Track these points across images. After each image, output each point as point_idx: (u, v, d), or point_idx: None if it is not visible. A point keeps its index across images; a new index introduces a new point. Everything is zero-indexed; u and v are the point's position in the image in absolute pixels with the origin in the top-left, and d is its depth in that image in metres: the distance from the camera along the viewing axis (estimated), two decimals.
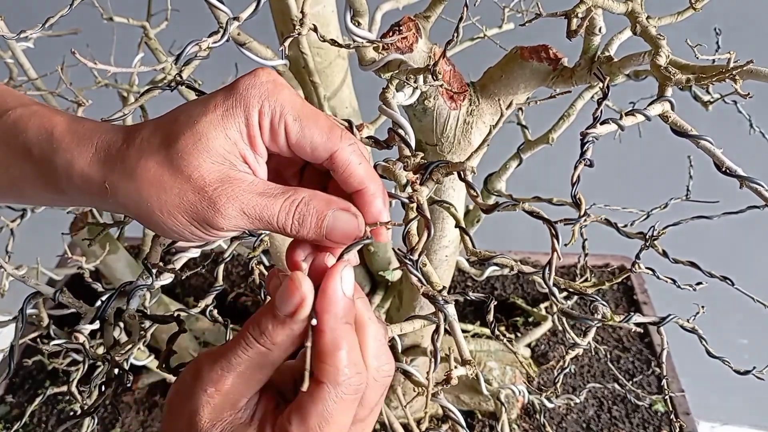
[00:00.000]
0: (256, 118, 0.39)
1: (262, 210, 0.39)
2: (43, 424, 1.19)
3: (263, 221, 0.39)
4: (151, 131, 0.39)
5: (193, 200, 0.38)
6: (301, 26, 0.39)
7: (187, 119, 0.39)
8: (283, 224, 0.39)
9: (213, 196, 0.38)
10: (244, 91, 0.39)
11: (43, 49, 0.87)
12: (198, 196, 0.38)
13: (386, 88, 0.46)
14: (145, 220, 0.40)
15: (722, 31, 0.85)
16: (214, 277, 1.50)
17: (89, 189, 0.40)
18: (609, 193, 1.03)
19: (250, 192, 0.39)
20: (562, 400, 1.14)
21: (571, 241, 0.40)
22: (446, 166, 0.41)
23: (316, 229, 0.40)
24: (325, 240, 0.40)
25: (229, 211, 0.38)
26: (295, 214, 0.39)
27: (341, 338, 0.36)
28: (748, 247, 1.61)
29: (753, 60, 0.40)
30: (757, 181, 0.38)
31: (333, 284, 0.37)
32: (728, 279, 0.63)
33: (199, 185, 0.38)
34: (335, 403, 0.36)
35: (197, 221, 0.39)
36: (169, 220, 0.39)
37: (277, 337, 0.37)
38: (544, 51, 0.56)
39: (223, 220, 0.38)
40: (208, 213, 0.38)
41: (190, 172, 0.38)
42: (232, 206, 0.38)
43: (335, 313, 0.36)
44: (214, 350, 0.38)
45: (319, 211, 0.40)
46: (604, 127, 0.37)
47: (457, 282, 1.45)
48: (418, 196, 0.40)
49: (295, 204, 0.39)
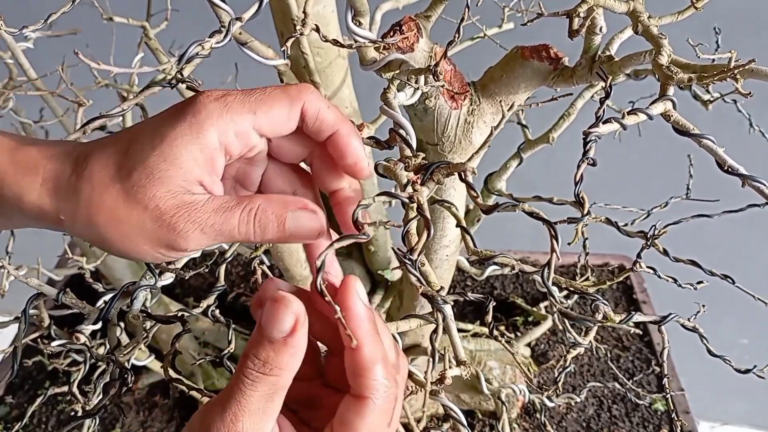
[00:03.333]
0: (215, 140, 0.39)
1: (221, 226, 0.39)
2: (43, 425, 1.18)
3: (224, 235, 0.39)
4: (101, 162, 0.39)
5: (153, 228, 0.38)
6: (302, 26, 0.39)
7: (139, 152, 0.39)
8: (245, 233, 0.39)
9: (171, 222, 0.38)
10: (192, 118, 0.39)
11: (43, 49, 0.87)
12: (157, 224, 0.38)
13: (387, 89, 0.46)
14: (106, 247, 0.40)
15: (721, 30, 0.85)
16: (214, 277, 1.50)
17: (44, 218, 0.40)
18: (609, 193, 1.03)
19: (207, 211, 0.39)
20: (563, 399, 1.14)
21: (574, 240, 0.40)
22: (447, 167, 0.41)
23: (278, 233, 0.40)
24: (291, 239, 0.41)
25: (189, 233, 0.38)
26: (255, 222, 0.39)
27: (377, 351, 0.37)
28: (749, 246, 1.61)
29: (755, 59, 0.40)
30: (759, 180, 0.38)
31: (354, 301, 0.37)
32: (729, 278, 0.63)
33: (155, 215, 0.38)
34: (380, 415, 0.37)
35: (160, 246, 0.39)
36: (131, 249, 0.39)
37: (282, 360, 0.36)
38: (545, 50, 0.55)
39: (184, 242, 0.39)
40: (170, 237, 0.38)
41: (146, 204, 0.38)
42: (191, 228, 0.38)
43: (366, 329, 0.37)
44: (217, 399, 0.37)
45: (278, 215, 0.40)
46: (607, 126, 0.37)
47: (457, 281, 1.45)
48: (418, 196, 0.40)
49: (253, 213, 0.39)
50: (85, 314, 0.49)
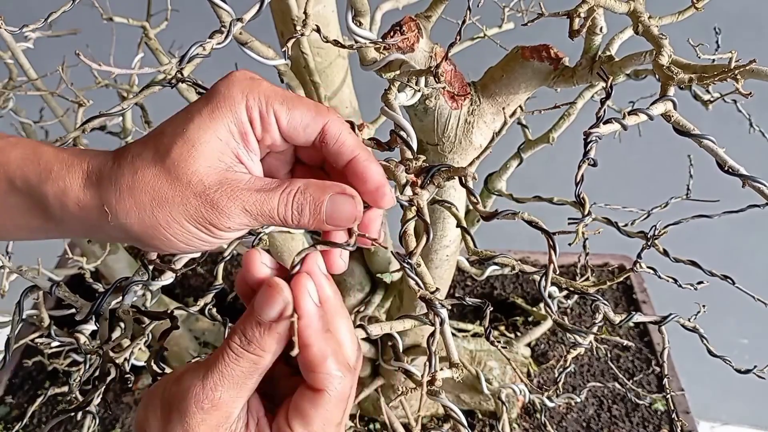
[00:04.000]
0: (245, 114, 0.40)
1: (262, 205, 0.39)
2: (43, 425, 1.18)
3: (265, 216, 0.40)
4: (141, 147, 0.40)
5: (196, 205, 0.39)
6: (303, 26, 0.38)
7: (175, 129, 0.39)
8: (283, 216, 0.40)
9: (214, 198, 0.39)
10: (225, 91, 0.40)
11: (43, 49, 0.87)
12: (200, 200, 0.39)
13: (388, 90, 0.46)
14: (149, 236, 0.40)
15: (722, 30, 0.85)
16: (213, 276, 1.50)
17: (87, 215, 0.40)
18: (609, 193, 1.03)
19: (249, 189, 0.39)
20: (563, 399, 1.14)
21: (575, 240, 0.40)
22: (447, 171, 0.41)
23: (315, 216, 0.40)
24: (326, 225, 0.41)
25: (232, 210, 0.39)
26: (293, 204, 0.40)
27: (326, 347, 0.37)
28: (749, 246, 1.61)
29: (755, 59, 0.40)
30: (759, 180, 0.38)
31: (305, 302, 0.38)
32: (729, 278, 0.63)
33: (199, 190, 0.39)
34: (335, 405, 0.37)
35: (202, 225, 0.39)
36: (176, 230, 0.39)
37: (265, 343, 0.37)
38: (545, 50, 0.55)
39: (227, 220, 0.39)
40: (213, 215, 0.39)
41: (189, 179, 0.38)
42: (234, 205, 0.39)
43: (315, 327, 0.37)
44: (199, 365, 0.38)
45: (316, 198, 0.40)
46: (607, 126, 0.37)
47: (457, 281, 1.45)
48: (418, 199, 0.40)
49: (292, 194, 0.40)
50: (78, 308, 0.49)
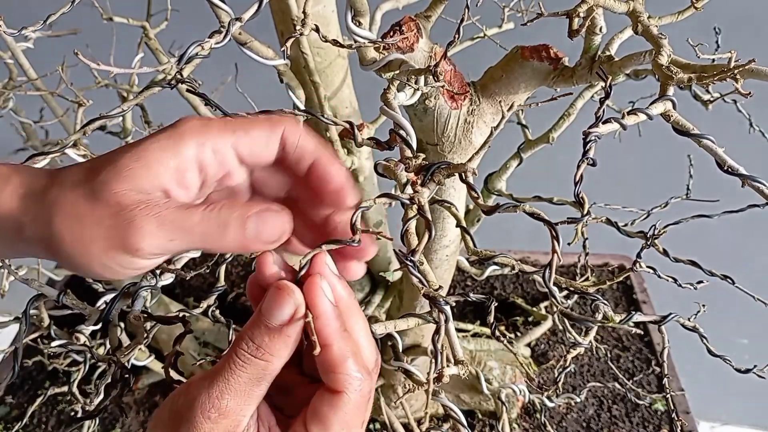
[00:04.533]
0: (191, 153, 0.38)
1: (181, 221, 0.37)
2: (43, 425, 1.18)
3: (183, 233, 0.37)
4: (76, 170, 0.39)
5: (110, 224, 0.36)
6: (302, 26, 0.38)
7: (113, 155, 0.38)
8: (204, 231, 0.37)
9: (130, 216, 0.36)
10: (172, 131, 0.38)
11: (43, 49, 0.87)
12: (115, 219, 0.36)
13: (387, 89, 0.46)
14: (56, 254, 0.38)
15: (721, 30, 0.85)
16: (214, 277, 1.50)
17: (5, 223, 0.38)
18: (609, 193, 1.03)
19: (168, 207, 0.37)
20: (563, 400, 1.14)
21: (574, 240, 0.40)
22: (447, 168, 0.41)
23: (240, 232, 0.38)
24: (252, 243, 0.39)
25: (147, 227, 0.36)
26: (216, 219, 0.37)
27: (345, 347, 0.36)
28: (749, 246, 1.61)
29: (755, 59, 0.40)
30: (759, 180, 0.38)
31: (321, 301, 0.37)
32: (729, 278, 0.63)
33: (115, 210, 0.36)
34: (355, 408, 0.36)
35: (113, 248, 0.37)
36: (81, 251, 0.37)
37: (274, 347, 0.36)
38: (545, 50, 0.55)
39: (141, 239, 0.36)
40: (125, 233, 0.36)
41: (108, 199, 0.37)
42: (149, 222, 0.36)
43: (334, 326, 0.37)
44: (205, 374, 0.37)
45: (241, 213, 0.38)
46: (607, 126, 0.37)
47: (457, 281, 1.45)
48: (419, 197, 0.40)
49: (216, 210, 0.38)
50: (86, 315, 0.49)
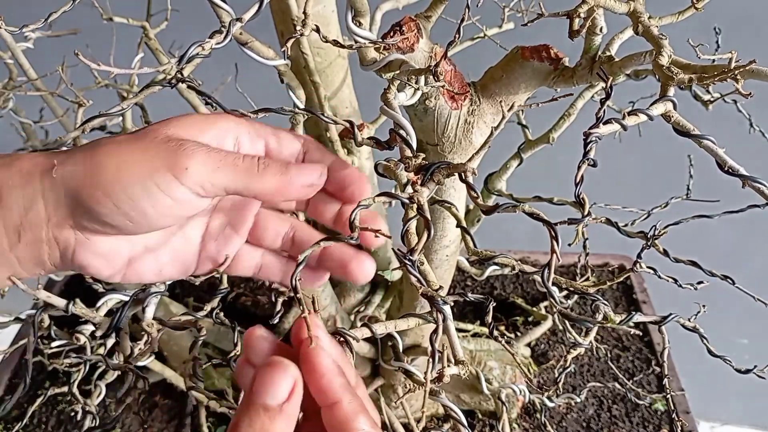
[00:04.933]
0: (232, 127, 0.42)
1: (227, 155, 0.38)
2: (43, 425, 1.18)
3: (229, 165, 0.38)
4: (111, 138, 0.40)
5: (158, 150, 0.37)
6: (303, 26, 0.39)
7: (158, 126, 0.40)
8: (247, 169, 0.38)
9: (178, 143, 0.37)
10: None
11: (43, 49, 0.87)
12: (165, 145, 0.37)
13: (387, 89, 0.46)
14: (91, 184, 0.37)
15: (721, 30, 0.85)
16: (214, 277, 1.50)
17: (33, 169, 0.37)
18: (609, 193, 1.03)
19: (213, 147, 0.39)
20: (563, 400, 1.14)
21: (575, 240, 0.40)
22: (447, 168, 0.41)
23: (279, 174, 0.40)
24: (289, 187, 0.40)
25: (195, 152, 0.37)
26: (259, 160, 0.39)
27: (355, 402, 0.34)
28: (749, 246, 1.61)
29: (755, 60, 0.40)
30: (759, 180, 0.38)
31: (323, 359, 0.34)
32: (729, 278, 0.63)
33: (164, 140, 0.38)
34: None
35: (159, 168, 0.36)
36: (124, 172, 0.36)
37: (277, 428, 0.33)
38: (545, 51, 0.55)
39: (187, 160, 0.36)
40: (172, 156, 0.37)
41: (157, 135, 0.38)
42: (197, 149, 0.37)
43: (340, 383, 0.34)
44: None
45: (283, 161, 0.41)
46: (607, 126, 0.37)
47: (457, 281, 1.45)
48: (418, 197, 0.40)
49: (257, 157, 0.40)
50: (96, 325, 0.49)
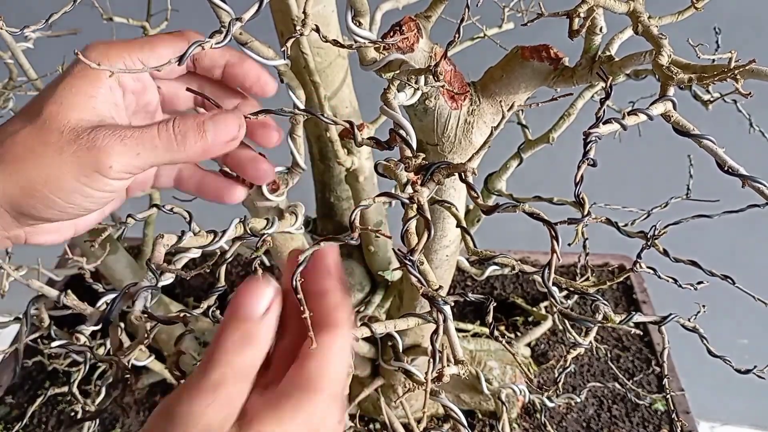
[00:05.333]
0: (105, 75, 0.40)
1: (142, 136, 0.39)
2: (43, 425, 1.18)
3: (147, 148, 0.39)
4: (13, 121, 0.40)
5: (73, 150, 0.38)
6: (303, 26, 0.39)
7: (44, 95, 0.39)
8: (166, 141, 0.39)
9: (90, 139, 0.38)
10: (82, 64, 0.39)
11: (43, 49, 0.87)
12: (76, 144, 0.38)
13: (387, 89, 0.46)
14: (31, 201, 0.39)
15: (721, 30, 0.85)
16: (214, 277, 1.50)
17: None
18: (609, 193, 1.03)
19: (126, 128, 0.39)
20: (563, 400, 1.14)
21: (574, 240, 0.40)
22: (447, 168, 0.41)
23: (199, 137, 0.40)
24: (212, 147, 0.41)
25: (111, 146, 0.38)
26: (175, 129, 0.39)
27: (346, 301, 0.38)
28: (749, 246, 1.61)
29: (755, 59, 0.40)
30: (759, 180, 0.38)
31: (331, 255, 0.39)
32: (729, 278, 0.63)
33: (73, 137, 0.38)
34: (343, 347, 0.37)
35: (84, 173, 0.38)
36: (55, 186, 0.38)
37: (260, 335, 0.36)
38: (545, 50, 0.55)
39: (107, 157, 0.38)
40: (91, 156, 0.38)
41: (61, 130, 0.38)
42: (113, 143, 0.38)
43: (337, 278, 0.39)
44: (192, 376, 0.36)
45: (197, 121, 0.40)
46: (607, 126, 0.37)
47: (457, 281, 1.45)
48: (418, 197, 0.40)
49: (171, 122, 0.40)
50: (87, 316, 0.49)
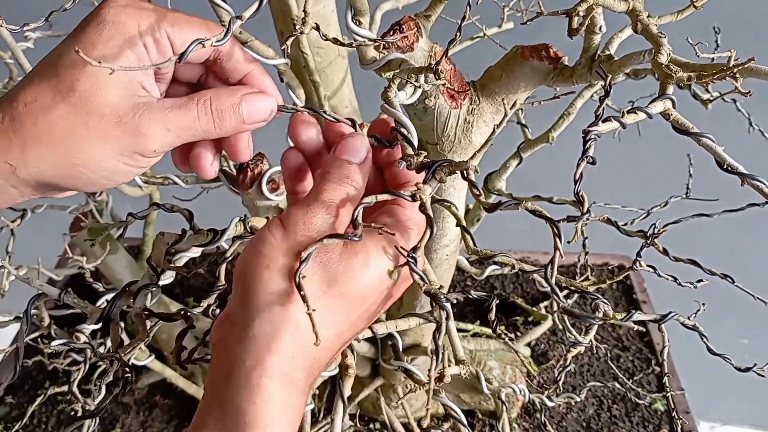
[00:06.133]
0: (139, 41, 0.39)
1: (182, 120, 0.40)
2: (43, 425, 1.18)
3: (186, 130, 0.40)
4: (33, 93, 0.38)
5: (116, 135, 0.38)
6: (302, 25, 0.39)
7: (71, 66, 0.38)
8: (205, 125, 0.41)
9: (133, 123, 0.38)
10: (115, 18, 0.39)
11: (43, 49, 0.87)
12: (119, 129, 0.38)
13: (388, 87, 0.46)
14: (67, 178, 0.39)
15: (721, 30, 0.85)
16: (214, 277, 1.50)
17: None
18: (609, 192, 1.03)
19: (163, 109, 0.39)
20: (563, 399, 1.14)
21: (574, 238, 0.40)
22: (449, 165, 0.41)
23: (236, 118, 0.42)
24: (245, 125, 0.43)
25: (155, 131, 0.39)
26: (212, 112, 0.41)
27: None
28: (749, 246, 1.61)
29: (754, 58, 0.40)
30: (758, 179, 0.38)
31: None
32: (729, 277, 0.63)
33: (115, 120, 0.38)
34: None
35: (126, 155, 0.39)
36: (96, 167, 0.39)
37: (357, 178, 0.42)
38: (545, 50, 0.55)
39: (152, 143, 0.39)
40: (136, 141, 0.38)
41: (102, 111, 0.37)
42: (156, 126, 0.39)
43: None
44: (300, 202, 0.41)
45: (231, 101, 0.42)
46: (606, 124, 0.37)
47: (457, 281, 1.45)
48: (421, 194, 0.40)
49: (208, 103, 0.41)
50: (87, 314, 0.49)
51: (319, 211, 0.39)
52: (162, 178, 0.70)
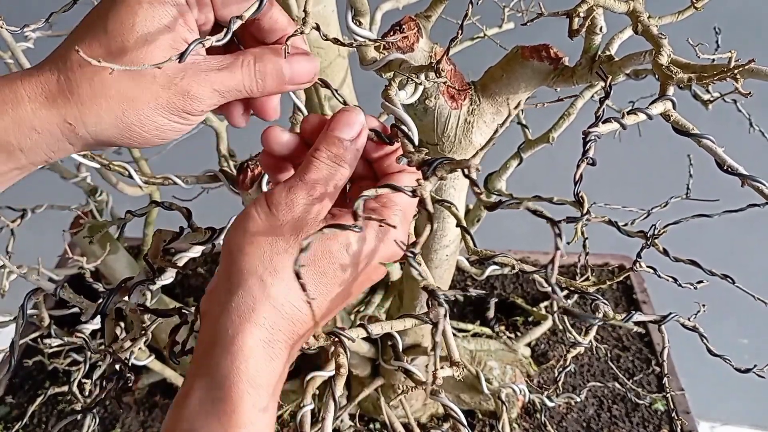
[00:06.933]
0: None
1: (228, 81, 0.41)
2: (43, 425, 1.18)
3: (232, 91, 0.42)
4: (87, 51, 0.39)
5: (167, 96, 0.40)
6: (303, 25, 0.39)
7: (120, 26, 0.39)
8: (249, 87, 0.42)
9: (182, 85, 0.40)
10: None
11: (43, 49, 0.87)
12: (169, 91, 0.40)
13: (389, 86, 0.46)
14: (123, 137, 0.41)
15: (721, 30, 0.85)
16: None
17: (47, 137, 0.39)
18: (609, 193, 1.03)
19: (210, 70, 0.41)
20: (563, 399, 1.14)
21: (574, 239, 0.40)
22: (451, 163, 0.41)
23: (278, 79, 0.43)
24: (287, 86, 0.44)
25: (203, 93, 0.40)
26: (255, 73, 0.42)
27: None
28: (749, 246, 1.61)
29: (754, 59, 0.40)
30: (758, 180, 0.38)
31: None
32: (729, 277, 0.63)
33: (164, 82, 0.39)
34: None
35: (176, 114, 0.41)
36: (149, 126, 0.40)
37: (348, 157, 0.42)
38: (545, 50, 0.55)
39: (200, 104, 0.41)
40: (185, 102, 0.40)
41: (153, 73, 0.39)
42: (203, 88, 0.40)
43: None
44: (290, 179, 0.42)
45: (275, 63, 0.43)
46: (607, 125, 0.37)
47: (457, 281, 1.45)
48: (422, 190, 0.40)
49: (252, 65, 0.42)
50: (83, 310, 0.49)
51: (300, 193, 0.41)
52: (162, 179, 0.70)
